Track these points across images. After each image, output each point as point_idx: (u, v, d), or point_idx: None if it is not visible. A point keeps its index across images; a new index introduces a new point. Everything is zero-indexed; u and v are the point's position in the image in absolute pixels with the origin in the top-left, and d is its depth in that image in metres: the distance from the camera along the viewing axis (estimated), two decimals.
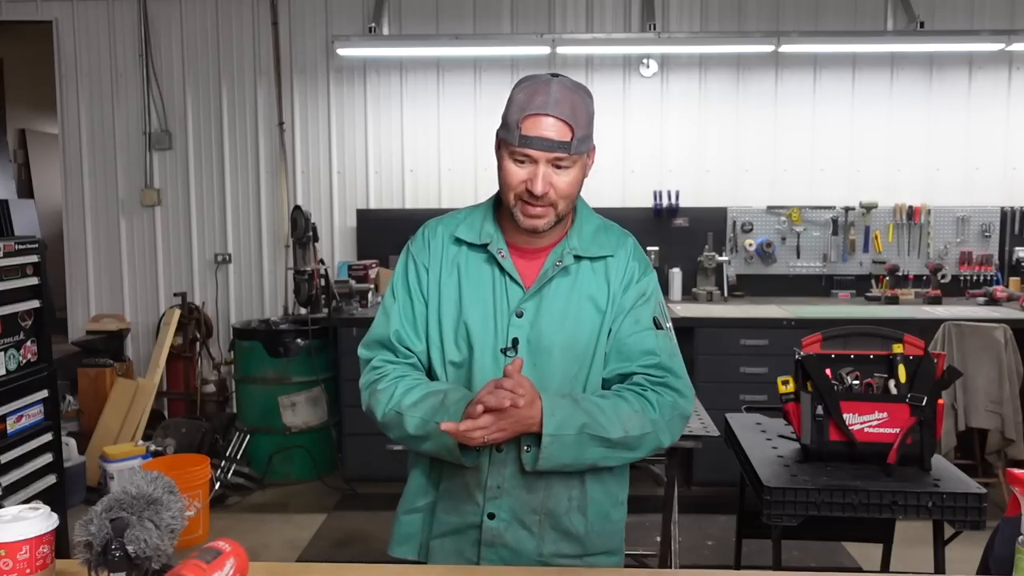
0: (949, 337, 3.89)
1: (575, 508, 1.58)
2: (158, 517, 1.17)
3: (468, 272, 1.58)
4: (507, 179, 1.50)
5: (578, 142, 1.46)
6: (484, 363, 1.54)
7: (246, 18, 5.08)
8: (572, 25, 4.97)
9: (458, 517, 1.58)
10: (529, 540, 1.57)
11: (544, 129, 1.45)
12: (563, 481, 1.56)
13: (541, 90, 1.46)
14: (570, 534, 1.58)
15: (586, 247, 1.58)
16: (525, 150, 1.46)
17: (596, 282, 1.57)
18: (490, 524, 1.56)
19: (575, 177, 1.50)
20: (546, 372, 1.53)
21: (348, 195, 5.14)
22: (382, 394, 1.54)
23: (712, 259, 4.79)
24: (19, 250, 3.21)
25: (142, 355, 5.19)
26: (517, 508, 1.55)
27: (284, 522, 4.03)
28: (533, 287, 1.55)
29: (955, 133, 4.94)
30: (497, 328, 1.55)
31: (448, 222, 1.64)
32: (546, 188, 1.46)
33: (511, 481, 1.54)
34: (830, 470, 2.13)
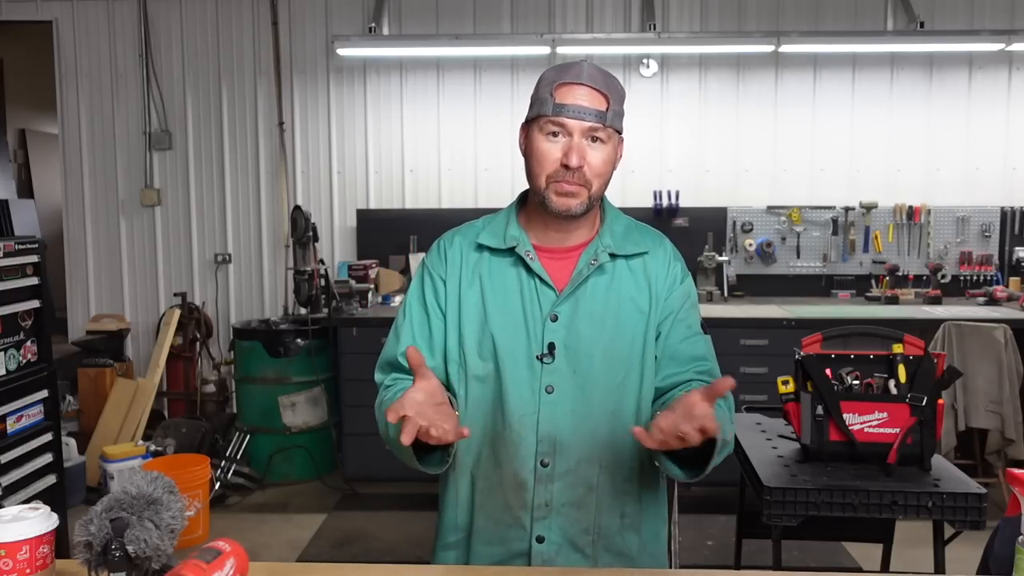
0: (949, 337, 3.89)
1: (628, 526, 1.49)
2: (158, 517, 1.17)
3: (492, 280, 1.49)
4: (539, 159, 1.42)
5: (613, 114, 1.41)
6: (518, 373, 1.44)
7: (246, 18, 5.08)
8: (572, 25, 4.97)
9: (501, 547, 1.46)
10: (582, 563, 1.45)
11: (579, 97, 1.39)
12: (616, 496, 1.47)
13: (573, 65, 1.43)
14: (623, 555, 1.48)
15: (620, 244, 1.51)
16: (560, 118, 1.39)
17: (635, 282, 1.49)
18: (539, 548, 1.43)
19: (609, 155, 1.44)
20: (588, 378, 1.44)
21: (348, 195, 5.14)
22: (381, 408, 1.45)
23: (712, 259, 4.79)
24: (19, 250, 3.20)
25: (142, 355, 5.19)
26: (568, 528, 1.44)
27: (284, 522, 4.03)
28: (567, 288, 1.46)
29: (955, 133, 4.94)
30: (530, 335, 1.44)
31: (466, 231, 1.56)
32: (581, 161, 1.39)
33: (560, 497, 1.43)
34: (830, 470, 2.13)
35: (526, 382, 1.44)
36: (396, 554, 3.55)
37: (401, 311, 1.55)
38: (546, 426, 1.43)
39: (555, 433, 1.43)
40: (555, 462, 1.43)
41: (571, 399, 1.44)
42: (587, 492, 1.45)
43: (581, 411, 1.44)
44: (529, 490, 1.44)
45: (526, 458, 1.44)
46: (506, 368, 1.44)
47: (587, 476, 1.45)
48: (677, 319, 1.50)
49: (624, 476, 1.48)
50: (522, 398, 1.44)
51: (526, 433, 1.43)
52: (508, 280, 1.48)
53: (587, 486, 1.45)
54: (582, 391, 1.44)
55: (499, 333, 1.45)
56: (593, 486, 1.45)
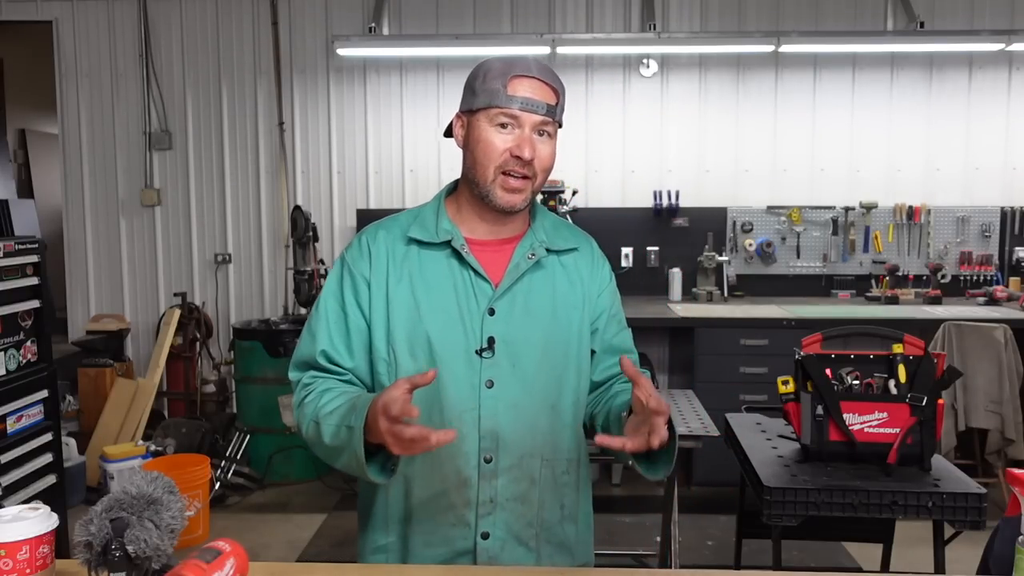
0: (949, 337, 3.89)
1: (567, 517, 1.51)
2: (158, 517, 1.17)
3: (424, 275, 1.45)
4: (486, 151, 1.40)
5: (561, 109, 1.43)
6: (455, 369, 1.41)
7: (246, 18, 5.08)
8: (572, 25, 4.97)
9: (444, 547, 1.44)
10: (527, 558, 1.46)
11: (532, 91, 1.39)
12: (556, 488, 1.48)
13: (520, 57, 1.43)
14: (563, 545, 1.50)
15: (552, 240, 1.51)
16: (513, 110, 1.38)
17: (568, 277, 1.51)
18: (484, 545, 1.43)
19: (553, 150, 1.44)
20: (527, 372, 1.44)
21: (348, 195, 5.14)
22: (307, 407, 1.40)
23: (712, 259, 4.79)
24: (19, 250, 3.20)
25: (142, 355, 5.19)
26: (512, 523, 1.44)
27: (284, 522, 4.03)
28: (505, 282, 1.44)
29: (955, 133, 4.94)
30: (467, 330, 1.42)
31: (390, 225, 1.53)
32: (533, 153, 1.39)
33: (504, 492, 1.43)
34: (830, 470, 2.13)
35: (465, 378, 1.42)
36: None
37: (316, 308, 1.50)
38: (488, 421, 1.42)
39: (497, 428, 1.42)
40: (498, 457, 1.42)
41: (512, 393, 1.43)
42: (530, 486, 1.45)
43: (522, 405, 1.43)
44: (473, 487, 1.42)
45: (469, 455, 1.42)
46: (443, 364, 1.41)
47: (530, 470, 1.45)
48: (610, 316, 1.56)
49: (563, 468, 1.49)
50: (461, 394, 1.42)
51: (467, 430, 1.41)
52: (441, 274, 1.45)
53: (530, 480, 1.45)
54: (522, 385, 1.43)
55: (433, 329, 1.42)
56: (536, 479, 1.46)
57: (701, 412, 2.92)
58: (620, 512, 4.14)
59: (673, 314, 4.35)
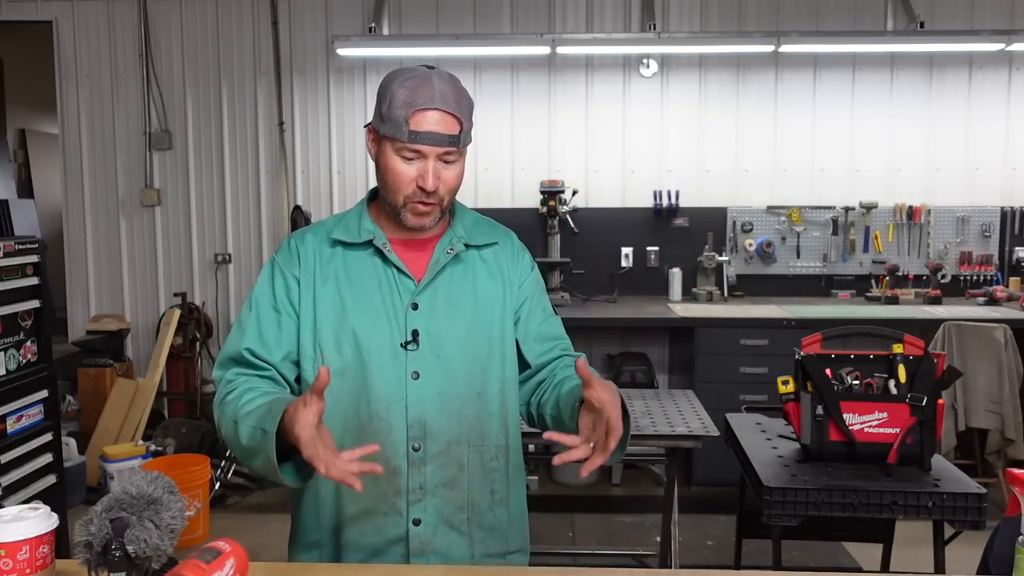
0: (949, 337, 3.89)
1: (498, 502, 1.54)
2: (158, 517, 1.17)
3: (349, 274, 1.51)
4: (394, 180, 1.45)
5: (464, 135, 1.46)
6: (382, 362, 1.47)
7: (246, 18, 5.08)
8: (572, 25, 4.97)
9: (376, 536, 1.48)
10: (459, 542, 1.50)
11: (434, 124, 1.42)
12: (485, 474, 1.52)
13: (424, 84, 1.42)
14: (495, 529, 1.54)
15: (472, 235, 1.57)
16: (416, 146, 1.42)
17: (488, 270, 1.56)
18: (416, 531, 1.46)
19: (460, 171, 1.49)
20: (451, 362, 1.49)
21: (348, 195, 5.14)
22: (227, 406, 1.41)
23: (712, 259, 4.79)
24: (19, 250, 3.21)
25: (142, 355, 5.19)
26: (443, 508, 1.48)
27: (284, 522, 4.01)
28: (426, 277, 1.51)
29: (955, 133, 4.94)
30: (392, 324, 1.48)
31: (317, 229, 1.58)
32: (437, 183, 1.44)
33: (433, 479, 1.47)
34: (830, 470, 2.13)
35: (391, 370, 1.47)
36: None
37: (247, 307, 1.54)
38: (415, 411, 1.47)
39: (424, 417, 1.47)
40: (426, 445, 1.47)
41: (437, 383, 1.48)
42: (459, 471, 1.49)
43: (448, 394, 1.49)
44: (403, 475, 1.47)
45: (397, 444, 1.46)
46: (370, 358, 1.47)
47: (457, 456, 1.50)
48: (533, 304, 1.61)
49: (491, 455, 1.53)
50: (388, 386, 1.47)
51: (395, 420, 1.46)
52: (365, 272, 1.51)
53: (458, 465, 1.49)
54: (447, 375, 1.48)
55: (360, 325, 1.48)
56: (464, 465, 1.50)
57: (701, 412, 2.92)
58: (620, 512, 4.14)
59: (673, 314, 4.35)
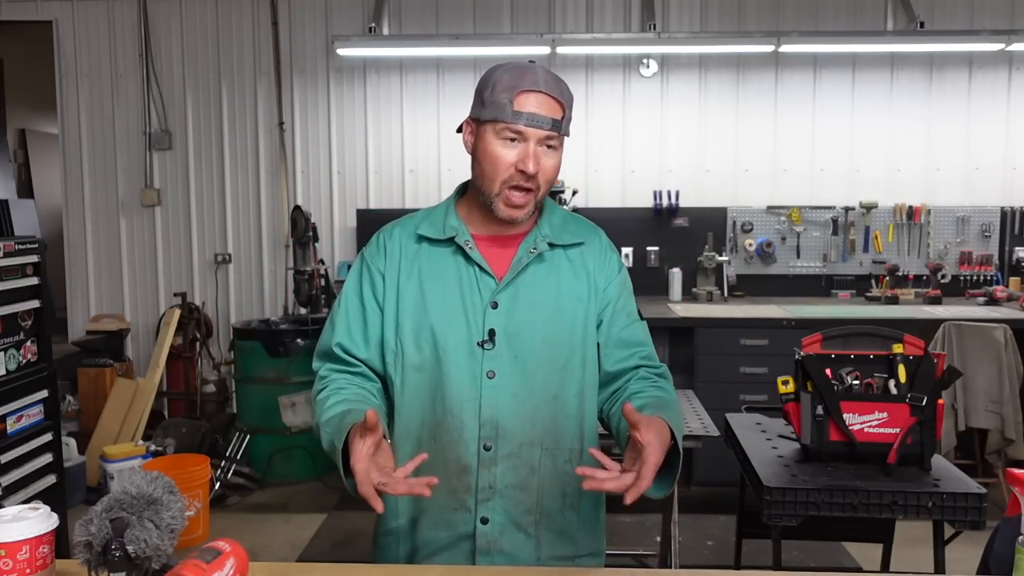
0: (949, 337, 3.89)
1: (569, 505, 1.53)
2: (158, 517, 1.17)
3: (431, 270, 1.51)
4: (493, 164, 1.43)
5: (567, 122, 1.45)
6: (458, 360, 1.47)
7: (246, 18, 5.08)
8: (572, 25, 4.97)
9: (448, 531, 1.50)
10: (526, 544, 1.50)
11: (537, 106, 1.41)
12: (557, 477, 1.51)
13: (528, 70, 1.43)
14: (564, 533, 1.53)
15: (558, 234, 1.54)
16: (519, 126, 1.40)
17: (574, 271, 1.54)
18: (484, 529, 1.48)
19: (559, 162, 1.47)
20: (529, 363, 1.48)
21: (348, 195, 5.14)
22: (318, 405, 1.48)
23: (712, 259, 4.79)
24: (19, 250, 3.20)
25: (142, 355, 5.19)
26: (511, 509, 1.49)
27: (284, 522, 4.03)
28: (507, 276, 1.49)
29: (955, 133, 4.94)
30: (470, 322, 1.47)
31: (406, 223, 1.59)
32: (538, 167, 1.42)
33: (503, 479, 1.48)
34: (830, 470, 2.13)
35: (467, 368, 1.47)
36: None
37: (338, 302, 1.58)
38: (488, 411, 1.46)
39: (497, 417, 1.47)
40: (497, 445, 1.47)
41: (512, 384, 1.47)
42: (529, 474, 1.49)
43: (522, 395, 1.48)
44: (473, 473, 1.47)
45: (469, 442, 1.47)
46: (447, 355, 1.47)
47: (529, 458, 1.49)
48: (617, 308, 1.56)
49: (564, 458, 1.52)
50: (463, 384, 1.47)
51: (468, 418, 1.47)
52: (447, 269, 1.51)
53: (529, 468, 1.49)
54: (523, 376, 1.47)
55: (437, 322, 1.48)
56: (535, 468, 1.49)
57: (701, 412, 2.92)
58: (620, 512, 4.13)
59: (673, 314, 4.35)
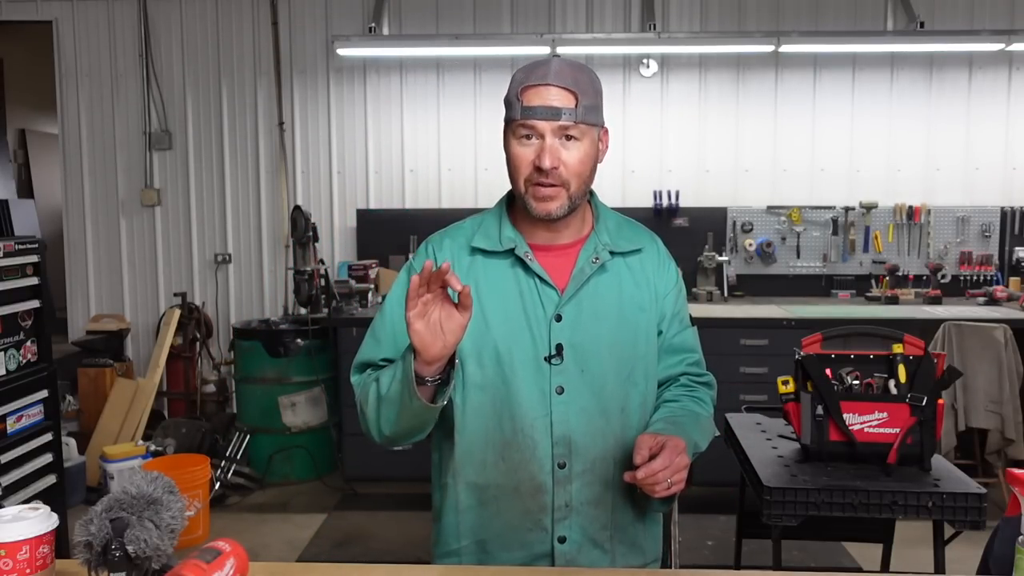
0: (949, 337, 3.88)
1: (638, 516, 1.53)
2: (158, 517, 1.17)
3: (489, 283, 1.45)
4: (515, 163, 1.41)
5: (584, 110, 1.39)
6: (526, 376, 1.42)
7: (246, 18, 5.08)
8: (572, 25, 4.97)
9: (523, 551, 1.46)
10: (602, 559, 1.48)
11: (546, 98, 1.37)
12: (628, 491, 1.48)
13: (540, 64, 1.41)
14: (635, 544, 1.53)
15: (616, 242, 1.51)
16: (528, 121, 1.38)
17: (634, 279, 1.50)
18: (562, 549, 1.45)
19: (586, 152, 1.41)
20: (595, 375, 1.44)
21: (348, 195, 5.14)
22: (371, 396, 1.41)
23: (712, 259, 4.79)
24: (19, 250, 3.20)
25: (142, 355, 5.19)
26: (588, 526, 1.46)
27: (284, 522, 4.03)
28: (570, 287, 1.45)
29: (955, 133, 4.94)
30: (535, 337, 1.43)
31: (455, 233, 1.52)
32: (555, 162, 1.38)
33: (579, 497, 1.45)
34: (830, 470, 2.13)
35: (535, 385, 1.43)
36: (396, 554, 3.54)
37: (380, 312, 1.51)
38: (560, 427, 1.43)
39: (569, 434, 1.43)
40: (571, 463, 1.44)
41: (582, 398, 1.44)
42: (604, 489, 1.47)
43: (592, 410, 1.45)
44: (548, 492, 1.44)
45: (543, 460, 1.43)
46: (513, 373, 1.43)
47: (603, 474, 1.46)
48: (673, 315, 1.57)
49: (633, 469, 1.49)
50: (532, 402, 1.43)
51: (540, 436, 1.43)
52: (506, 282, 1.46)
53: (604, 483, 1.46)
54: (591, 390, 1.44)
55: (501, 338, 1.43)
56: (609, 483, 1.47)
57: None
58: None
59: None
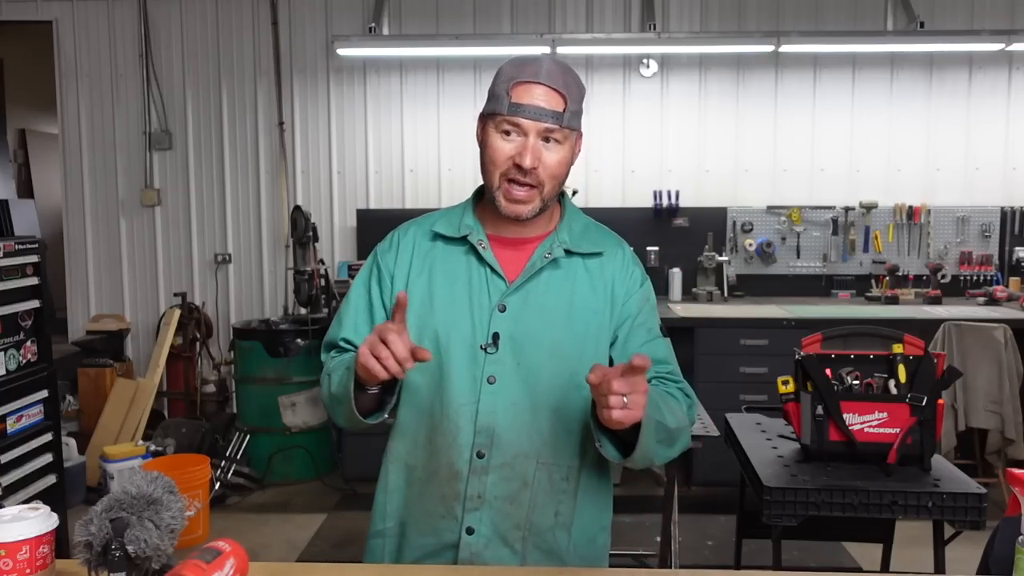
0: (949, 337, 3.89)
1: (560, 525, 1.46)
2: (158, 517, 1.17)
3: (443, 268, 1.47)
4: (493, 156, 1.40)
5: (570, 115, 1.38)
6: (460, 363, 1.42)
7: (246, 18, 5.08)
8: (572, 25, 4.97)
9: (434, 538, 1.45)
10: (511, 559, 1.43)
11: (536, 97, 1.36)
12: (551, 494, 1.45)
13: (531, 61, 1.39)
14: (553, 554, 1.46)
15: (577, 242, 1.48)
16: (515, 118, 1.36)
17: (591, 282, 1.47)
18: (468, 540, 1.42)
19: (564, 157, 1.41)
20: (531, 370, 1.42)
21: (348, 195, 5.14)
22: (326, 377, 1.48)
23: (712, 259, 4.79)
24: (19, 250, 3.21)
25: (142, 355, 5.19)
26: (499, 522, 1.42)
27: (284, 522, 4.03)
28: (518, 279, 1.44)
29: (955, 133, 4.94)
30: (475, 324, 1.43)
31: (423, 221, 1.55)
32: (535, 162, 1.37)
33: (493, 490, 1.41)
34: (830, 470, 2.13)
35: (467, 371, 1.42)
36: None
37: (347, 297, 1.56)
38: (485, 417, 1.41)
39: (493, 424, 1.41)
40: (491, 454, 1.41)
41: (513, 391, 1.42)
42: (522, 487, 1.43)
43: (522, 404, 1.42)
44: (463, 481, 1.42)
45: (462, 448, 1.42)
46: (449, 357, 1.43)
47: (523, 471, 1.43)
48: (636, 323, 1.49)
49: (562, 475, 1.45)
50: (462, 387, 1.42)
51: (464, 423, 1.42)
52: (458, 268, 1.47)
53: (522, 481, 1.43)
54: (525, 384, 1.42)
55: (442, 322, 1.44)
56: (528, 482, 1.43)
57: (701, 412, 2.92)
58: (620, 512, 4.10)
59: (673, 314, 4.35)
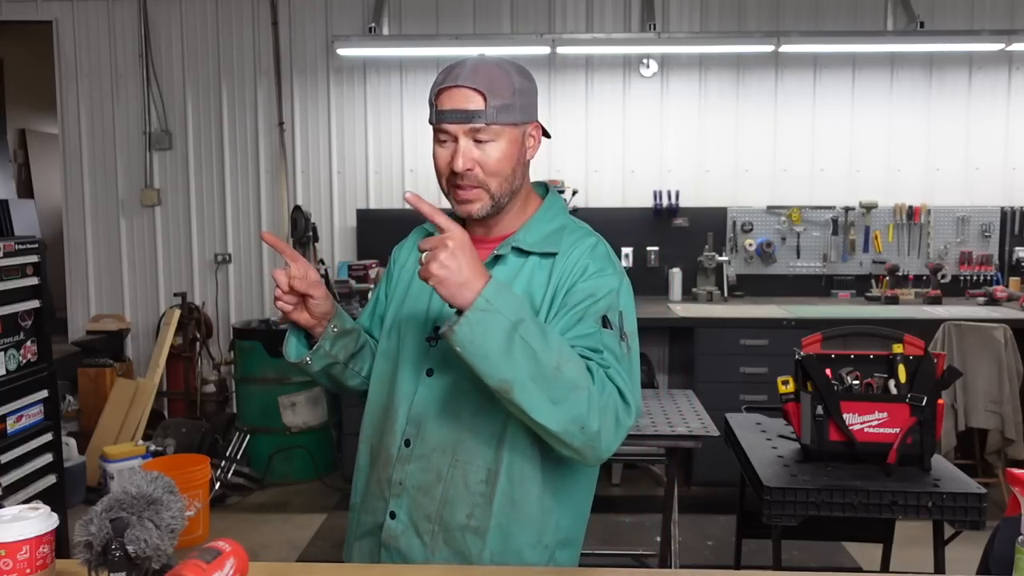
0: (949, 337, 3.89)
1: (473, 528, 1.41)
2: (158, 517, 1.17)
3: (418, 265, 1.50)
4: (435, 164, 1.44)
5: (495, 110, 1.37)
6: (409, 353, 1.49)
7: (246, 18, 5.08)
8: (572, 25, 4.97)
9: (370, 517, 1.52)
10: (420, 551, 1.43)
11: (455, 101, 1.38)
12: (466, 494, 1.41)
13: (455, 67, 1.41)
14: (462, 555, 1.41)
15: (532, 242, 1.46)
16: (441, 124, 1.40)
17: (539, 280, 1.44)
18: (390, 524, 1.46)
19: (504, 152, 1.39)
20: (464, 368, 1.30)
21: (348, 195, 5.14)
22: None
23: (712, 259, 4.79)
24: (19, 250, 3.20)
25: (142, 355, 5.19)
26: (414, 511, 1.44)
27: (284, 522, 4.03)
28: None
29: (955, 133, 4.94)
30: (427, 318, 1.50)
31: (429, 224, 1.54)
32: (468, 164, 1.38)
33: (411, 479, 1.44)
34: (830, 470, 2.13)
35: (414, 362, 1.49)
36: None
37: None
38: (417, 407, 1.46)
39: (423, 416, 1.45)
40: (415, 443, 1.45)
41: (445, 386, 1.44)
42: (436, 480, 1.43)
43: (451, 399, 1.43)
44: (392, 466, 1.47)
45: (397, 434, 1.47)
46: (403, 347, 1.51)
47: (438, 464, 1.43)
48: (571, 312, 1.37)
49: (479, 476, 1.41)
50: (407, 377, 1.49)
51: (401, 411, 1.48)
52: None
53: (437, 474, 1.43)
54: (456, 380, 1.43)
55: (404, 314, 1.54)
56: (442, 476, 1.42)
57: (701, 412, 2.92)
58: (620, 512, 4.14)
59: (673, 314, 4.35)
